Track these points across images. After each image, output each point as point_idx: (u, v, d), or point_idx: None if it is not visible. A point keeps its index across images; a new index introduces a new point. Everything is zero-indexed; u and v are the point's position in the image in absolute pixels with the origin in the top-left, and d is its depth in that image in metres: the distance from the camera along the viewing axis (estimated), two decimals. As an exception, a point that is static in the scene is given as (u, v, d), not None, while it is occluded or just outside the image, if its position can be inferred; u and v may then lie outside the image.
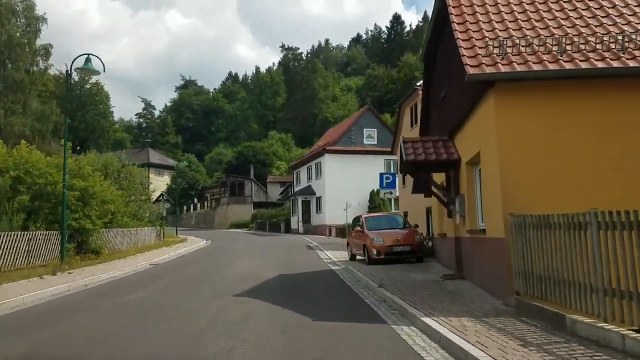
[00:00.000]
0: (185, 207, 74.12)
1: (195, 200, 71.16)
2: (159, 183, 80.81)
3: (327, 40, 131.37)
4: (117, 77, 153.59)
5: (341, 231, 43.19)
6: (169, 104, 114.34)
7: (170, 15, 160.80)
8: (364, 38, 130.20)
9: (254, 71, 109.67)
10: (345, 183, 44.46)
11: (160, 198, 33.35)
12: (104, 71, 18.60)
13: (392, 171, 47.26)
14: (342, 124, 54.59)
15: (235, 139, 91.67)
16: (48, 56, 51.44)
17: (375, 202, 44.52)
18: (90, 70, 18.12)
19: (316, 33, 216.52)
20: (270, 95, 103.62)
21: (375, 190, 44.61)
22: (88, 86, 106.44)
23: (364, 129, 46.48)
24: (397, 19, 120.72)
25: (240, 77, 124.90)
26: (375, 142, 46.49)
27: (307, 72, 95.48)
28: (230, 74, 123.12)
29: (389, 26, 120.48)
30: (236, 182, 61.96)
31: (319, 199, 47.16)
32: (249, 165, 71.91)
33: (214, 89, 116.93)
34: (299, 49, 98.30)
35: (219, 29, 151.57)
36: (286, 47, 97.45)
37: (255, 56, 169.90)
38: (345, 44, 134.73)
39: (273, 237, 43.66)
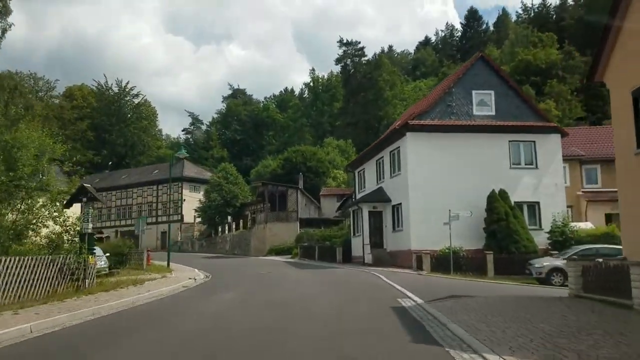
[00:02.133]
0: (220, 229, 56.29)
1: (229, 219, 53.19)
2: (192, 200, 63.92)
3: (390, 47, 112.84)
4: (178, 107, 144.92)
5: (442, 263, 23.64)
6: (215, 116, 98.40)
7: (230, 48, 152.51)
8: (433, 40, 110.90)
9: (309, 77, 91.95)
10: (443, 180, 25.42)
11: (81, 199, 14.49)
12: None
13: (522, 162, 27.58)
14: (435, 89, 35.26)
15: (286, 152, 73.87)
16: (7, 13, 35.07)
17: (497, 211, 24.80)
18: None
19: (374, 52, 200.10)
20: (326, 101, 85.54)
21: (498, 190, 25.14)
22: (128, 97, 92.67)
23: (473, 92, 27.01)
24: (473, 14, 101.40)
25: (297, 93, 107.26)
26: (493, 113, 26.93)
27: (371, 69, 77.01)
28: (285, 89, 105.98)
29: (463, 22, 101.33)
30: (276, 193, 43.55)
31: (397, 209, 27.79)
32: (297, 174, 53.45)
33: (265, 97, 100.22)
34: (359, 42, 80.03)
35: (275, 58, 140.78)
36: (345, 41, 79.46)
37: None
38: (411, 50, 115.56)
39: (321, 271, 24.63)
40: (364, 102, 74.72)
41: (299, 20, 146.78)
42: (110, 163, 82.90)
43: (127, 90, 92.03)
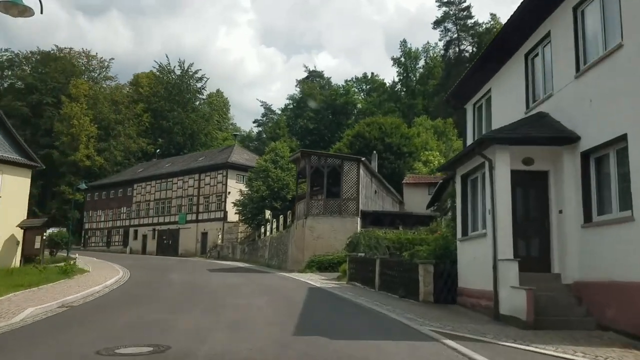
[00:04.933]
0: (263, 230, 39.56)
1: (268, 214, 36.29)
2: (234, 191, 48.04)
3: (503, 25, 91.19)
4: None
5: None
6: (287, 102, 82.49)
7: (320, 57, 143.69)
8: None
9: (400, 50, 73.08)
10: None
11: None
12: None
13: None
14: None
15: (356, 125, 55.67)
16: None
17: None
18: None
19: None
20: (422, 78, 66.64)
21: None
22: (191, 81, 79.47)
23: None
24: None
25: (388, 87, 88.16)
26: None
27: (479, 33, 57.44)
28: (372, 73, 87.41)
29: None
30: (324, 167, 25.50)
31: (599, 161, 8.91)
32: (370, 155, 35.60)
33: (345, 80, 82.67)
34: (464, 1, 60.61)
35: (367, 66, 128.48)
36: (445, 0, 60.41)
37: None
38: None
39: None
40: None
41: (391, 28, 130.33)
42: (157, 151, 69.73)
43: (190, 73, 79.00)
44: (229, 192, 49.90)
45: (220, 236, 49.30)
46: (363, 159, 26.30)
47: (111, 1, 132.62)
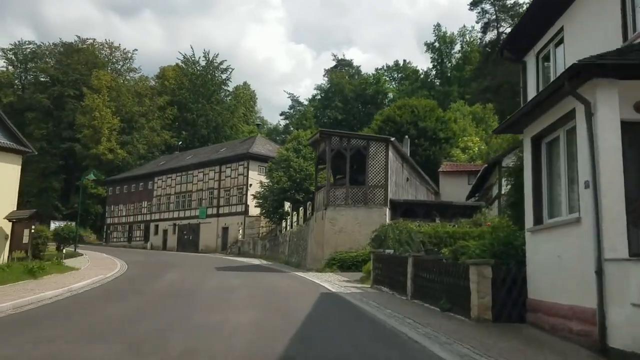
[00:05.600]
0: (284, 224, 36.37)
1: (287, 206, 33.06)
2: (255, 183, 44.98)
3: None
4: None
5: None
6: (315, 92, 79.07)
7: (351, 52, 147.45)
8: None
9: (433, 34, 68.44)
10: None
11: None
12: None
13: None
14: None
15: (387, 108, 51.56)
16: None
17: None
18: None
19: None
20: (458, 64, 62.22)
21: None
22: (216, 73, 76.79)
23: None
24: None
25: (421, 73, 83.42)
26: None
27: (520, 13, 52.73)
28: (404, 60, 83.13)
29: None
30: (346, 150, 21.81)
31: None
32: (401, 141, 31.89)
33: (376, 68, 78.79)
34: (504, -22, 55.97)
35: (397, 59, 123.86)
36: (483, -23, 55.91)
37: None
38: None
39: None
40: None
41: (423, 22, 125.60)
42: (179, 143, 67.40)
43: (215, 64, 76.37)
44: (251, 185, 46.89)
45: (241, 231, 46.34)
46: (392, 139, 22.59)
47: (144, 1, 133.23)
